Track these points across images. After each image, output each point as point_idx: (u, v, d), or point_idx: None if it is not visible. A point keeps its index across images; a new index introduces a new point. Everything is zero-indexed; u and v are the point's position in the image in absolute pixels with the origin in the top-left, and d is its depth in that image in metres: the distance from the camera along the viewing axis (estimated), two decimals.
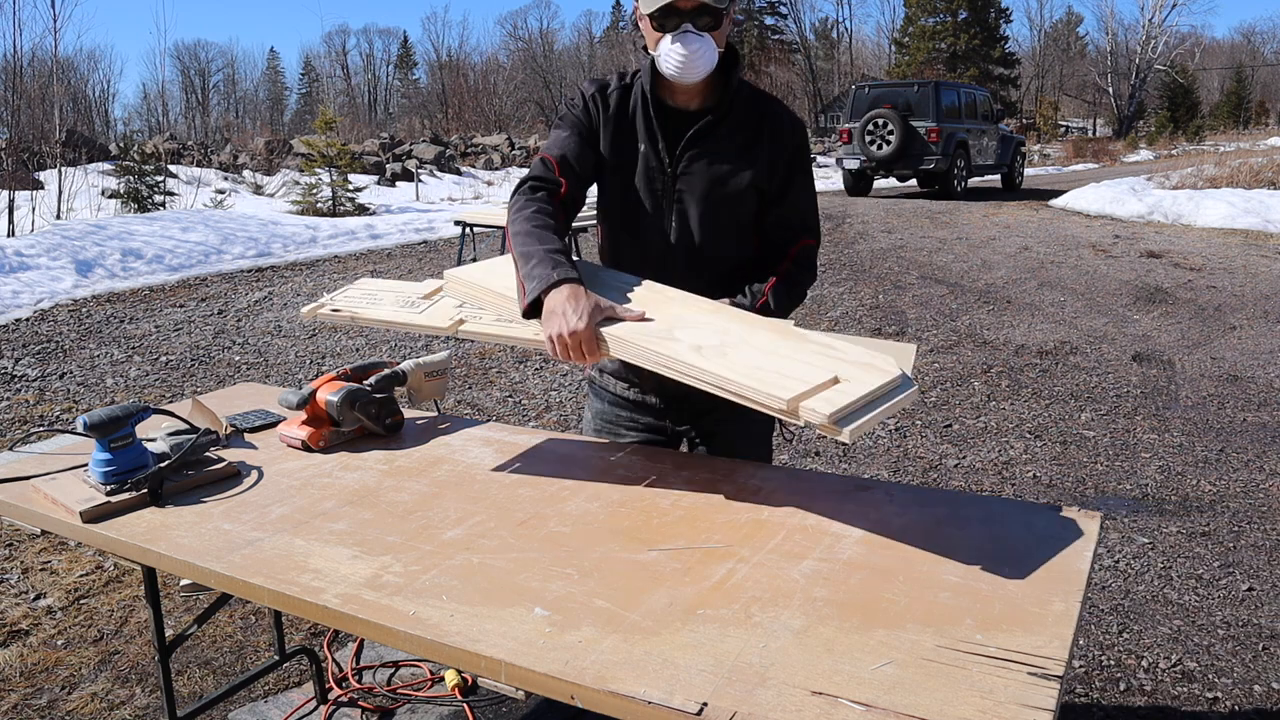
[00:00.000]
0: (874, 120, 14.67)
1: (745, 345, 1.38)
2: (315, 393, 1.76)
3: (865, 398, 1.25)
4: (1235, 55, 59.30)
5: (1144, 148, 33.33)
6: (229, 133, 29.44)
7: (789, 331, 1.45)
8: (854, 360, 1.35)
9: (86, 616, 2.74)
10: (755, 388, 1.25)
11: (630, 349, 1.39)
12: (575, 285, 1.46)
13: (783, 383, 1.26)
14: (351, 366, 1.86)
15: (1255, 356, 5.55)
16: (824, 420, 1.20)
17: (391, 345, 5.94)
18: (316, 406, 1.76)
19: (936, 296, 7.32)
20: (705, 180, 1.69)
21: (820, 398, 1.24)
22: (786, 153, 1.72)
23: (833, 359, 1.35)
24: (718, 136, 1.69)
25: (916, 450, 4.12)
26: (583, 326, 1.42)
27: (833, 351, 1.38)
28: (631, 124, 1.71)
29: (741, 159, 1.70)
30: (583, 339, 1.42)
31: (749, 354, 1.35)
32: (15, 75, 13.76)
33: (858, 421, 1.22)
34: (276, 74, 71.78)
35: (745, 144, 1.70)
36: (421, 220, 11.58)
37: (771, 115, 1.73)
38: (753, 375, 1.28)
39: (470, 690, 2.29)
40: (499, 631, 1.12)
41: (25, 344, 5.87)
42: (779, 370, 1.30)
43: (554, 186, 1.68)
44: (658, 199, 1.71)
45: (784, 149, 1.72)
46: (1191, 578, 2.97)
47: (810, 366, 1.31)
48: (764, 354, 1.35)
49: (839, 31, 58.45)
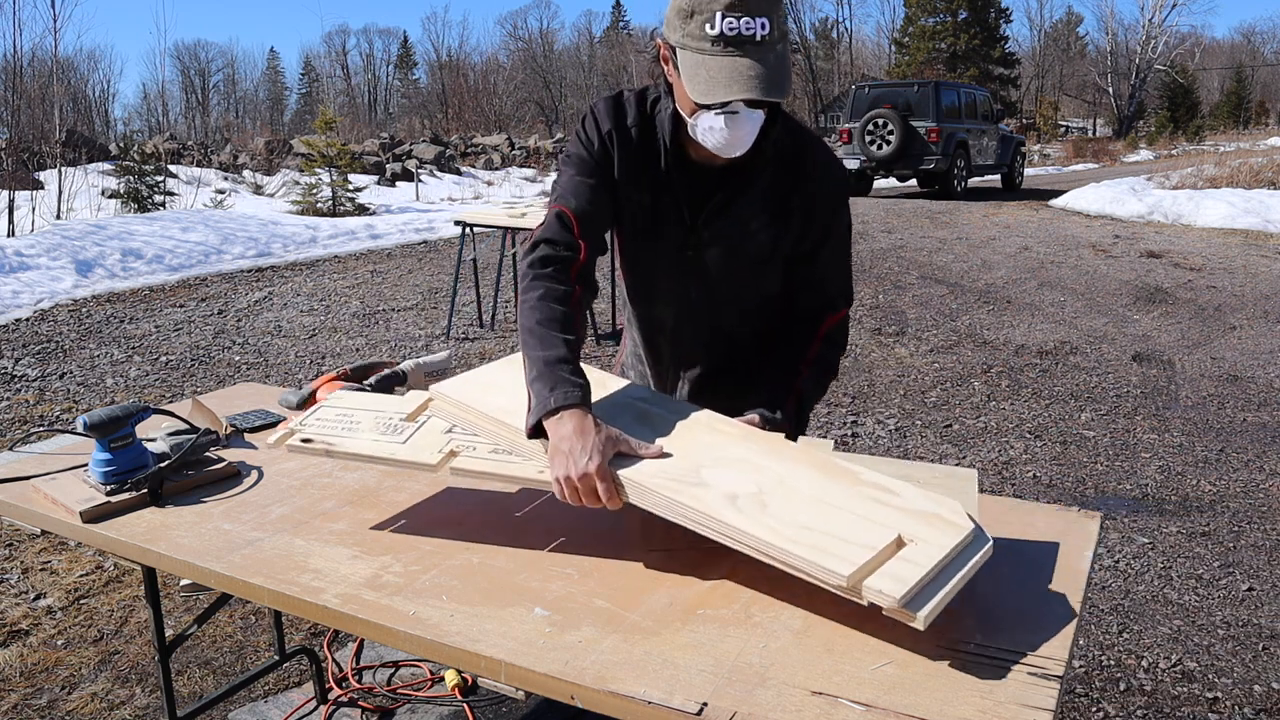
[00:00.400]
0: (874, 120, 14.67)
1: (787, 491, 1.15)
2: (315, 393, 1.76)
3: (939, 565, 1.04)
4: (1235, 55, 59.31)
5: (1144, 148, 33.33)
6: (229, 133, 29.44)
7: (833, 467, 1.21)
8: (917, 510, 1.13)
9: (86, 616, 2.74)
10: (807, 558, 1.05)
11: (652, 497, 1.16)
12: (581, 414, 1.23)
13: (839, 549, 1.05)
14: (351, 367, 1.86)
15: (1255, 356, 5.55)
16: (894, 604, 0.99)
17: (391, 345, 5.94)
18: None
19: (936, 296, 7.32)
20: (729, 245, 1.51)
21: (886, 572, 1.03)
22: (822, 212, 1.50)
23: (891, 509, 1.13)
24: (748, 198, 1.48)
25: (916, 450, 4.12)
26: (594, 468, 1.19)
27: (890, 497, 1.15)
28: (653, 170, 1.49)
29: (773, 223, 1.50)
30: (596, 482, 1.19)
31: (794, 506, 1.13)
32: (15, 75, 13.76)
33: (933, 601, 1.00)
34: (276, 74, 71.81)
35: (778, 205, 1.49)
36: (421, 220, 11.58)
37: (808, 168, 1.49)
38: (802, 538, 1.07)
39: (470, 690, 2.29)
40: (499, 631, 1.12)
41: (25, 344, 5.87)
42: (831, 530, 1.08)
43: (569, 255, 1.45)
44: (679, 260, 1.53)
45: (820, 208, 1.50)
46: (1191, 578, 2.97)
47: (867, 522, 1.10)
48: (811, 504, 1.13)
49: (839, 31, 58.46)
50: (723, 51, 1.28)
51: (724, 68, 1.28)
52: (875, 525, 1.09)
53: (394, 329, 6.36)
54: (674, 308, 1.60)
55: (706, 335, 1.61)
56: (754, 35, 1.27)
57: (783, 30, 1.32)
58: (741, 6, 1.27)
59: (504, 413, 1.31)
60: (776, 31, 1.30)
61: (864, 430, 4.37)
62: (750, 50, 1.28)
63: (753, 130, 1.36)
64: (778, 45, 1.30)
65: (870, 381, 5.14)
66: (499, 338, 6.09)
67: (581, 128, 1.51)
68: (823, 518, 1.11)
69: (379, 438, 1.43)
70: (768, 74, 1.28)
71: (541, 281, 1.42)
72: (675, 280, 1.57)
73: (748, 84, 1.27)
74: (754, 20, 1.27)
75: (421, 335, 6.19)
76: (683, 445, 1.24)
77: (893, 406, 4.71)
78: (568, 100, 53.23)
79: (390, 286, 7.80)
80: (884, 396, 4.87)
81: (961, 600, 1.10)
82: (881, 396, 4.87)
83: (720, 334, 1.61)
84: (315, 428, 1.47)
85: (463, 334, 6.22)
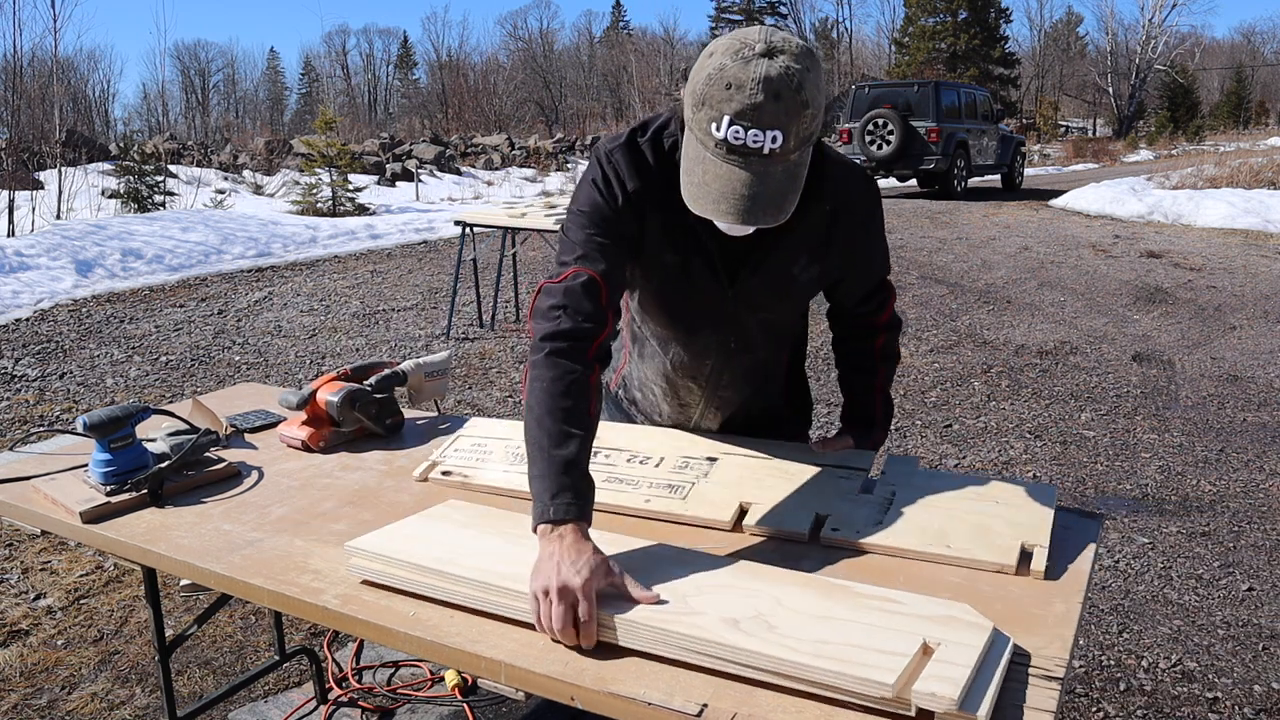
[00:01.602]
0: (874, 120, 14.67)
1: (787, 611, 1.06)
2: (315, 393, 1.75)
3: (979, 662, 0.97)
4: (1235, 55, 59.28)
5: (1144, 148, 33.32)
6: (229, 133, 29.44)
7: (826, 585, 1.13)
8: (930, 615, 1.05)
9: (86, 616, 2.74)
10: (841, 671, 0.94)
11: (642, 632, 1.05)
12: (579, 531, 1.13)
13: (870, 659, 0.96)
14: (351, 366, 1.85)
15: (1255, 356, 5.55)
16: (951, 706, 0.90)
17: (391, 345, 5.94)
18: (316, 407, 1.76)
19: (936, 296, 7.32)
20: (772, 294, 1.45)
21: (931, 675, 0.94)
22: (861, 234, 1.46)
23: (903, 616, 1.05)
24: (785, 245, 1.39)
25: (916, 450, 4.12)
26: (580, 583, 1.05)
27: (897, 606, 1.07)
28: (680, 226, 1.35)
29: (814, 260, 1.43)
30: (579, 599, 1.05)
31: (801, 624, 1.03)
32: (15, 75, 13.76)
33: (988, 696, 0.92)
34: (276, 74, 71.78)
35: (817, 241, 1.41)
36: (421, 220, 11.59)
37: (838, 193, 1.39)
38: (825, 652, 0.97)
39: (470, 690, 2.29)
40: (499, 632, 1.11)
41: (25, 344, 5.87)
42: (851, 642, 0.99)
43: (592, 329, 1.28)
44: (715, 315, 1.46)
45: (855, 237, 1.45)
46: (1191, 578, 2.97)
47: (887, 630, 1.02)
48: (819, 621, 1.04)
49: (839, 31, 58.44)
50: (724, 157, 1.15)
51: (719, 177, 1.16)
52: (896, 633, 1.01)
53: (394, 329, 6.36)
54: (712, 355, 1.53)
55: (744, 371, 1.57)
56: (761, 148, 1.13)
57: (804, 136, 1.16)
58: (752, 117, 1.12)
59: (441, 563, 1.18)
60: (793, 141, 1.14)
61: None
62: (753, 163, 1.15)
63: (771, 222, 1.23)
64: (792, 155, 1.16)
65: None
66: (499, 338, 6.10)
67: (602, 179, 1.35)
68: (837, 632, 1.01)
69: (509, 468, 1.53)
70: (764, 195, 1.16)
71: (557, 360, 1.25)
72: (712, 330, 1.49)
73: (736, 204, 1.16)
74: (763, 134, 1.12)
75: (421, 335, 6.19)
76: (656, 579, 1.13)
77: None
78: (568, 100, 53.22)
79: (390, 286, 7.80)
80: None
81: (962, 600, 1.09)
82: None
83: (759, 367, 1.59)
84: (453, 459, 1.59)
85: (463, 334, 6.22)
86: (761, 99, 1.11)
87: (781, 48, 1.13)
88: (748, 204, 1.16)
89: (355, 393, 1.76)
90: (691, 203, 1.20)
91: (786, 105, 1.12)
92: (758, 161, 1.15)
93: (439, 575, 1.17)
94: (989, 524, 1.29)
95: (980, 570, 1.22)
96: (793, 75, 1.12)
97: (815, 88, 1.14)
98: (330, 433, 1.76)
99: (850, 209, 1.42)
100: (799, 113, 1.13)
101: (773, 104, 1.11)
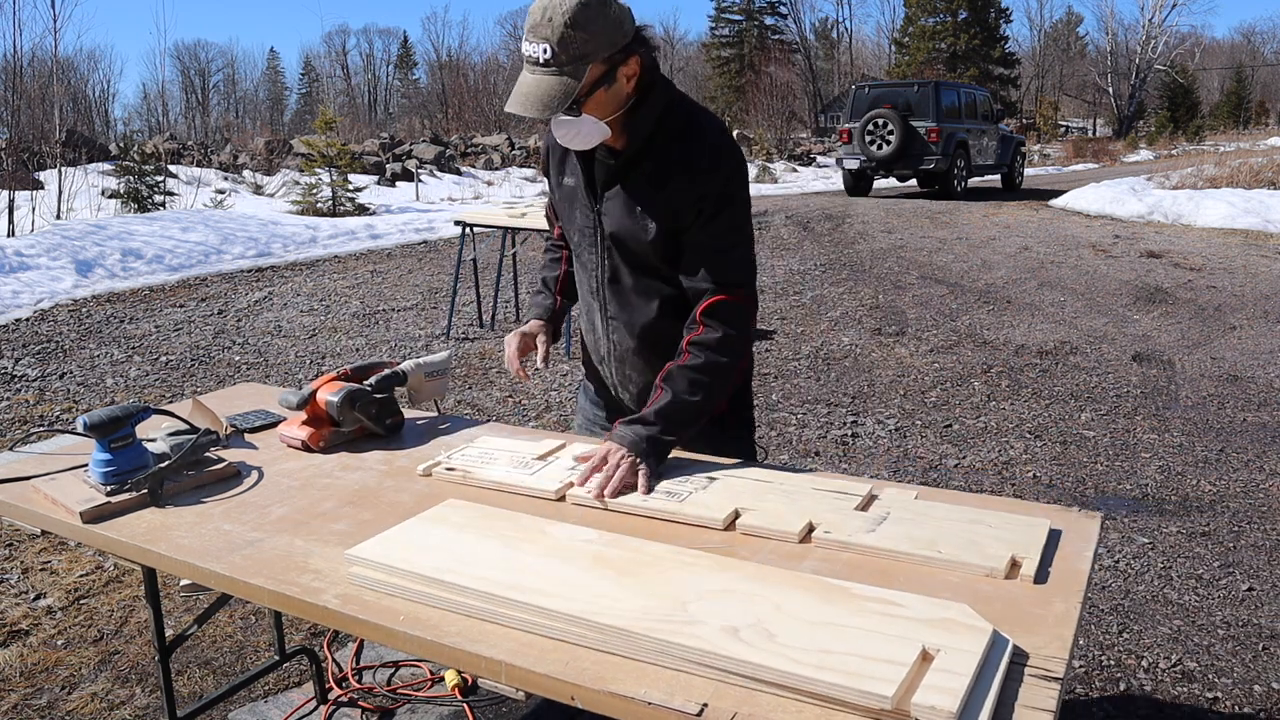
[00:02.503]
0: (874, 120, 14.67)
1: (787, 617, 1.07)
2: (315, 393, 1.75)
3: (978, 670, 0.97)
4: (1235, 55, 59.30)
5: (1144, 148, 33.34)
6: (229, 133, 29.42)
7: (825, 586, 1.14)
8: (929, 618, 1.05)
9: (86, 616, 2.74)
10: (841, 683, 0.94)
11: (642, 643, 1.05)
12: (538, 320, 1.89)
13: (870, 669, 0.96)
14: (352, 367, 1.85)
15: (1255, 356, 5.55)
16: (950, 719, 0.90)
17: (391, 345, 5.94)
18: (316, 407, 1.76)
19: (936, 296, 7.32)
20: (620, 223, 1.64)
21: (929, 685, 0.94)
22: (698, 196, 1.58)
23: (902, 620, 1.05)
24: (634, 180, 1.62)
25: (916, 450, 4.12)
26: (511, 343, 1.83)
27: (896, 609, 1.08)
28: (570, 158, 1.72)
29: (653, 205, 1.60)
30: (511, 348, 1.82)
31: (801, 631, 1.04)
32: (15, 75, 13.76)
33: (985, 709, 0.93)
34: (276, 74, 71.77)
35: (659, 187, 1.60)
36: (422, 220, 11.59)
37: (694, 155, 1.58)
38: (827, 663, 0.98)
39: (470, 690, 2.29)
40: (499, 632, 1.11)
41: (25, 344, 5.87)
42: (852, 651, 1.00)
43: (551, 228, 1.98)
44: (590, 235, 1.70)
45: (695, 192, 1.58)
46: (1191, 578, 2.97)
47: (885, 637, 1.02)
48: (818, 627, 1.04)
49: (839, 31, 58.48)
50: (526, 67, 1.52)
51: (519, 84, 1.53)
52: (895, 639, 1.01)
53: (394, 329, 6.36)
54: (597, 278, 1.74)
55: (615, 304, 1.73)
56: (536, 57, 1.49)
57: (574, 54, 1.47)
58: (530, 33, 1.49)
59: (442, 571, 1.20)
60: (564, 56, 1.47)
61: (864, 430, 4.37)
62: (535, 70, 1.50)
63: (579, 130, 1.54)
64: (566, 67, 1.48)
65: (870, 381, 5.14)
66: (499, 338, 6.09)
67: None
68: (837, 639, 1.02)
69: (511, 470, 1.60)
70: (536, 93, 1.50)
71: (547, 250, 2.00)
72: (593, 253, 1.72)
73: (517, 98, 1.51)
74: (535, 45, 1.48)
75: (421, 335, 6.19)
76: (655, 583, 1.15)
77: (893, 406, 4.71)
78: None
79: (390, 286, 7.81)
80: (884, 396, 4.87)
81: (963, 600, 1.09)
82: (881, 396, 4.87)
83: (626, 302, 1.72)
84: (459, 460, 1.65)
85: (462, 334, 6.22)
86: (538, 19, 1.48)
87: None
88: (523, 98, 1.50)
89: (355, 393, 1.76)
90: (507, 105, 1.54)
91: (554, 25, 1.46)
92: (536, 69, 1.50)
93: (440, 585, 1.18)
94: (979, 539, 1.29)
95: (971, 575, 1.22)
96: (566, 6, 1.46)
97: (589, 18, 1.47)
98: (330, 433, 1.76)
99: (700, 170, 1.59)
100: (565, 32, 1.46)
101: (545, 24, 1.47)
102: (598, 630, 1.07)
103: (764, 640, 1.02)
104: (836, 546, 1.31)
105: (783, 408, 4.71)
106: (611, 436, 1.57)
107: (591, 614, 1.08)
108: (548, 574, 1.18)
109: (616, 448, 1.53)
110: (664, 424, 1.56)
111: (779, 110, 33.95)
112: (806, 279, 8.09)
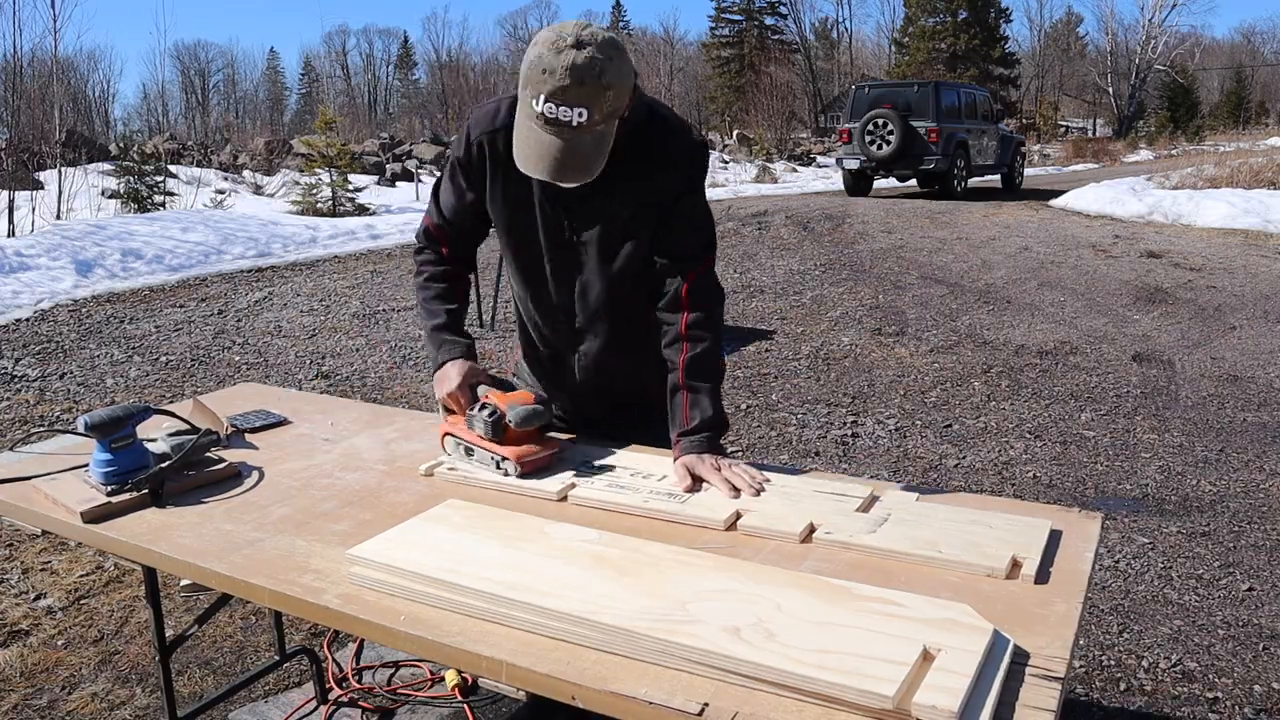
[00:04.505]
0: (874, 120, 14.66)
1: (788, 617, 1.07)
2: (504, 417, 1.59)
3: (979, 670, 0.97)
4: (1235, 55, 59.27)
5: (1144, 148, 33.34)
6: (229, 133, 29.43)
7: (825, 586, 1.14)
8: (930, 618, 1.05)
9: (87, 616, 2.74)
10: (842, 683, 0.94)
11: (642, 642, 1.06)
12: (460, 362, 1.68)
13: (871, 669, 0.96)
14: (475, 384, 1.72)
15: (1255, 356, 5.55)
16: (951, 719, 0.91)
17: (391, 345, 5.94)
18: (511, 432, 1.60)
19: (936, 296, 7.32)
20: (601, 245, 1.62)
21: (931, 685, 0.94)
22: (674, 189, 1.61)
23: (903, 620, 1.05)
24: (610, 193, 1.59)
25: (916, 450, 4.12)
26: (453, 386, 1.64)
27: (897, 609, 1.08)
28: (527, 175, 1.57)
29: (636, 219, 1.61)
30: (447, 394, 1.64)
31: (802, 631, 1.04)
32: (15, 75, 13.75)
33: (986, 709, 0.93)
34: (276, 74, 71.76)
35: (639, 199, 1.60)
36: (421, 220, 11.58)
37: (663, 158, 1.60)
38: (828, 663, 0.98)
39: (470, 690, 2.29)
40: (499, 631, 1.11)
41: (25, 344, 5.87)
42: (852, 650, 0.99)
43: (437, 249, 1.77)
44: (561, 241, 1.65)
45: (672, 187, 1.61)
46: (1191, 578, 2.97)
47: (886, 637, 1.02)
48: (819, 627, 1.04)
49: (839, 31, 58.48)
50: (542, 127, 1.43)
51: (539, 143, 1.44)
52: (896, 639, 1.01)
53: (394, 329, 6.36)
54: (565, 288, 1.69)
55: (597, 313, 1.69)
56: (570, 122, 1.41)
57: (607, 112, 1.43)
58: (561, 97, 1.39)
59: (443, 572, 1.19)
60: (598, 116, 1.41)
61: (864, 430, 4.37)
62: (565, 133, 1.42)
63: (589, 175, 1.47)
64: (598, 126, 1.43)
65: (870, 381, 5.14)
66: (499, 338, 6.09)
67: (461, 135, 1.66)
68: (838, 639, 1.02)
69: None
70: (574, 158, 1.44)
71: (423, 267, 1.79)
72: (561, 262, 1.67)
73: (550, 165, 1.44)
74: (571, 110, 1.40)
75: (421, 335, 6.18)
76: (656, 583, 1.15)
77: (893, 406, 4.71)
78: None
79: (390, 286, 7.80)
80: (884, 396, 4.87)
81: (963, 601, 1.09)
82: (881, 396, 4.87)
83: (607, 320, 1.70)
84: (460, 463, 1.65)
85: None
86: (569, 83, 1.38)
87: (589, 40, 1.40)
88: (559, 165, 1.45)
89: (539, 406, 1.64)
90: (519, 162, 1.48)
91: (590, 89, 1.39)
92: (568, 131, 1.42)
93: (441, 585, 1.17)
94: (980, 539, 1.29)
95: (971, 575, 1.22)
96: (595, 64, 1.39)
97: (617, 73, 1.42)
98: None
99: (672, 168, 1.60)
100: (601, 94, 1.40)
101: (578, 88, 1.39)
102: (599, 630, 1.07)
103: (765, 640, 1.02)
104: (837, 547, 1.31)
105: (783, 408, 4.71)
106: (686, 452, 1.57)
107: (592, 614, 1.08)
108: (549, 574, 1.18)
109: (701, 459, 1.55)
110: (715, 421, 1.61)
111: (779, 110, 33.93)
112: (806, 279, 8.09)
